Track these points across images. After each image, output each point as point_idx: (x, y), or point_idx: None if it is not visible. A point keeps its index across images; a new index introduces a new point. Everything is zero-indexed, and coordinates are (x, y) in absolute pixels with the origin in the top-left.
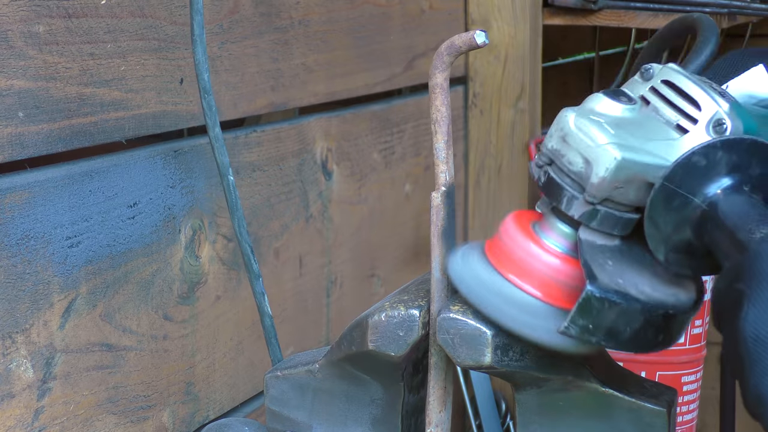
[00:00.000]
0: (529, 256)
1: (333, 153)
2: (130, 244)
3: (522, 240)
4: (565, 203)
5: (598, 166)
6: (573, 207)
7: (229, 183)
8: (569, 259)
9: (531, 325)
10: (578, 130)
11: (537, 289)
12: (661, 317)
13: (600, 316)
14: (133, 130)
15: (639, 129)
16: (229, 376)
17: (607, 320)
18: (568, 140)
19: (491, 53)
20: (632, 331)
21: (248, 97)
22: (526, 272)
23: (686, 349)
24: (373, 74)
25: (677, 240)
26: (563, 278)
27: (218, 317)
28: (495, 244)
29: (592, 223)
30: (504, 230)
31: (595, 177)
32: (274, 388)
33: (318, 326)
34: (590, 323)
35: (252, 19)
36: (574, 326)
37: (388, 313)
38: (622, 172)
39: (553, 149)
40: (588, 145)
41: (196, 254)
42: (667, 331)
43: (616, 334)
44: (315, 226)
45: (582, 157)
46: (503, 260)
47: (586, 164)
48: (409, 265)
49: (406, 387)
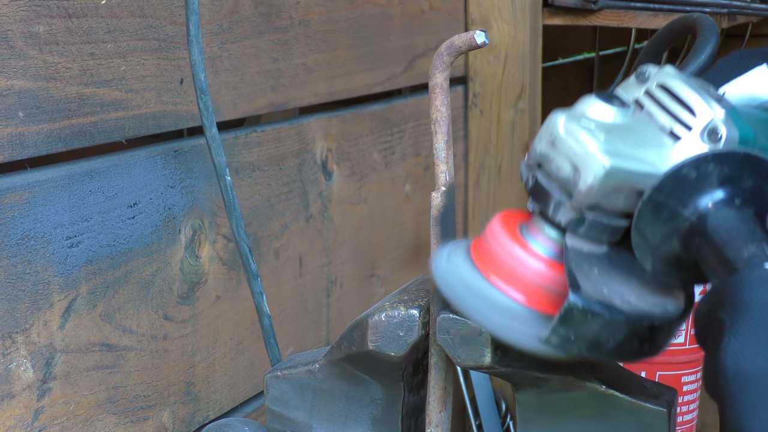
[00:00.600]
0: (513, 260)
1: (333, 153)
2: (130, 244)
3: (507, 243)
4: (552, 209)
5: (586, 174)
6: (560, 213)
7: (227, 183)
8: (555, 264)
9: (513, 329)
10: (567, 135)
11: (520, 294)
12: (646, 329)
13: (582, 327)
14: (133, 130)
15: (631, 135)
16: (229, 376)
17: (590, 332)
18: (556, 145)
19: (491, 53)
20: (616, 342)
21: (248, 97)
22: (510, 276)
23: (686, 349)
24: (373, 74)
25: (665, 251)
26: (548, 284)
27: (218, 317)
28: (480, 245)
29: (579, 230)
30: (490, 232)
31: (583, 184)
32: (274, 388)
33: (318, 326)
34: (572, 334)
35: (252, 19)
36: (555, 336)
37: (388, 313)
38: (610, 180)
39: (541, 153)
40: (576, 152)
41: (196, 254)
42: (653, 342)
43: (599, 345)
44: (315, 226)
45: (570, 163)
46: (488, 262)
47: (575, 171)
48: (409, 265)
49: (406, 387)
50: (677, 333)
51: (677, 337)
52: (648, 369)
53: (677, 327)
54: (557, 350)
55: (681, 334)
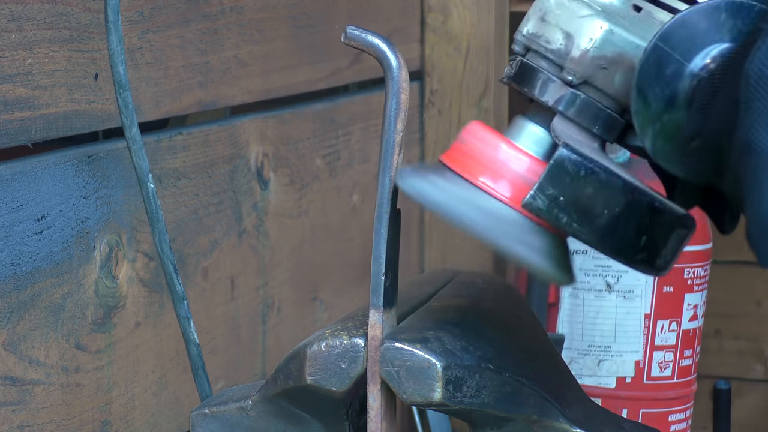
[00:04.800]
0: (502, 157)
1: (269, 159)
2: (37, 263)
3: (493, 140)
4: (539, 88)
5: (580, 38)
6: (548, 91)
7: (149, 191)
8: (545, 164)
9: (505, 233)
10: (559, 6)
11: (511, 194)
12: (646, 209)
13: (574, 186)
14: (40, 132)
15: (630, 19)
16: (150, 414)
17: (583, 194)
18: (547, 18)
19: (451, 44)
20: (610, 216)
21: (173, 94)
22: (498, 175)
23: (674, 383)
24: (316, 69)
25: (668, 121)
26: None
27: (138, 346)
28: (457, 150)
29: (569, 111)
30: (469, 134)
31: (577, 50)
32: (201, 428)
33: (252, 357)
34: (561, 194)
35: (177, 5)
36: (541, 196)
37: (328, 342)
38: (608, 46)
39: (528, 33)
40: (571, 17)
41: (112, 274)
42: (652, 237)
43: (591, 215)
44: (249, 243)
45: (563, 33)
46: (471, 165)
47: (567, 39)
48: (356, 286)
49: (351, 427)
50: (680, 250)
51: (664, 370)
52: (630, 406)
53: (680, 233)
54: (543, 214)
55: (668, 366)
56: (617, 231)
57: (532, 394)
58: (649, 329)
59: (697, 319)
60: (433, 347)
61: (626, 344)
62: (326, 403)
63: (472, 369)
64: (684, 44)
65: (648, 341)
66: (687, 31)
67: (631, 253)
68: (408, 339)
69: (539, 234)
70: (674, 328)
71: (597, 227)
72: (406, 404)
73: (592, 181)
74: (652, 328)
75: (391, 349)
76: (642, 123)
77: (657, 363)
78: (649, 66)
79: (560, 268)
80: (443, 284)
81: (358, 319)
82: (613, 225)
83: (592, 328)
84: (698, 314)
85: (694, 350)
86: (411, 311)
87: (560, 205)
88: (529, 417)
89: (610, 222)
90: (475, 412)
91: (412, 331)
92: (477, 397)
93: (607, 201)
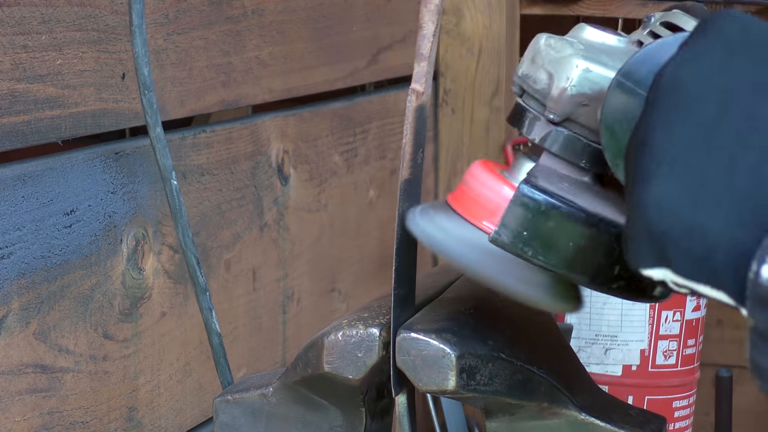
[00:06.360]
0: (501, 201)
1: (290, 155)
2: (66, 256)
3: (494, 184)
4: (527, 126)
5: (559, 78)
6: (534, 129)
7: (173, 188)
8: None
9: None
10: (547, 47)
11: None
12: (613, 238)
13: (535, 221)
14: (70, 130)
15: (619, 53)
16: (175, 400)
17: (544, 228)
18: (536, 59)
19: (464, 46)
20: (576, 247)
21: (196, 93)
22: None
23: (678, 371)
24: (334, 69)
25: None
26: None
27: (163, 336)
28: (462, 192)
29: (554, 147)
30: (471, 178)
31: (556, 89)
32: (224, 414)
33: (273, 346)
34: (524, 229)
35: (200, 8)
36: (505, 231)
37: (345, 332)
38: (586, 84)
39: (522, 74)
40: (553, 58)
41: (139, 266)
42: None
43: (557, 248)
44: (270, 236)
45: (546, 73)
46: (475, 209)
47: (549, 79)
48: (373, 278)
49: (368, 413)
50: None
51: (668, 359)
52: (636, 393)
53: None
54: (509, 248)
55: (672, 355)
56: (586, 261)
57: (543, 382)
58: (653, 319)
59: (699, 309)
60: (448, 337)
61: (632, 334)
62: (343, 390)
63: (485, 358)
64: (647, 79)
65: (653, 331)
66: (648, 66)
67: (606, 282)
68: (423, 329)
69: (539, 269)
70: (678, 318)
71: (564, 258)
72: (422, 392)
73: (553, 215)
74: (657, 319)
75: (408, 339)
76: (612, 157)
77: (661, 351)
78: (614, 101)
79: (563, 299)
80: (456, 277)
81: (374, 309)
82: (581, 256)
83: (599, 318)
84: (701, 305)
85: (697, 339)
86: (426, 303)
87: (524, 239)
88: (540, 404)
89: (577, 253)
90: (488, 399)
91: (427, 321)
92: (490, 385)
93: (571, 234)
